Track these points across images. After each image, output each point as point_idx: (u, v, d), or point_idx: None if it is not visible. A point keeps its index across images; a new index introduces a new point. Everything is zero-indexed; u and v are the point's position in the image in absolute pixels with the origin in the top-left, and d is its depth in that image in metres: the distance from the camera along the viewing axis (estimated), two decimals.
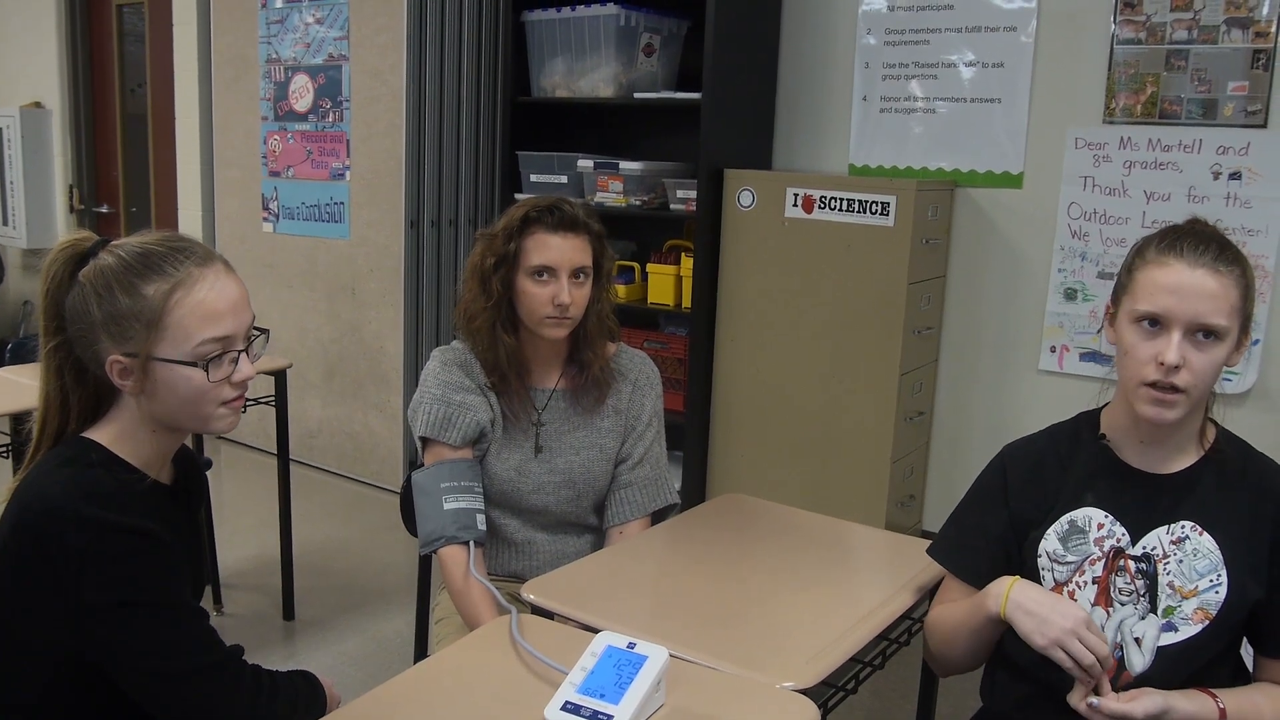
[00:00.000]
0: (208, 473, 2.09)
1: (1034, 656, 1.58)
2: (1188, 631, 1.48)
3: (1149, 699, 1.41)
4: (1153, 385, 1.42)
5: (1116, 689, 1.50)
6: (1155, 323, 1.43)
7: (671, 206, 3.64)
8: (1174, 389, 1.41)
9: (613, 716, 1.26)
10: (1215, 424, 1.56)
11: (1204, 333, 1.40)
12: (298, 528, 3.33)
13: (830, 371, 3.40)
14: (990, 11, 3.39)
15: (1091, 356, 3.32)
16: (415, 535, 2.00)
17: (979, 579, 1.62)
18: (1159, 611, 1.49)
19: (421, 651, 2.30)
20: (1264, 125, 3.01)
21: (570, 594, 1.66)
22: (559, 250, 1.92)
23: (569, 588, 1.69)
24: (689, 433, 3.64)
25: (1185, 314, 1.40)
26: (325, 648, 3.10)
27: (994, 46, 3.40)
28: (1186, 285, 1.40)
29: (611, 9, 3.57)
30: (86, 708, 1.33)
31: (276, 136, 4.66)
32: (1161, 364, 1.40)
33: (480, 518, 1.92)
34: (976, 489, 1.67)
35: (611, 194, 3.67)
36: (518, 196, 3.84)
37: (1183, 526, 1.50)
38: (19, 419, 2.40)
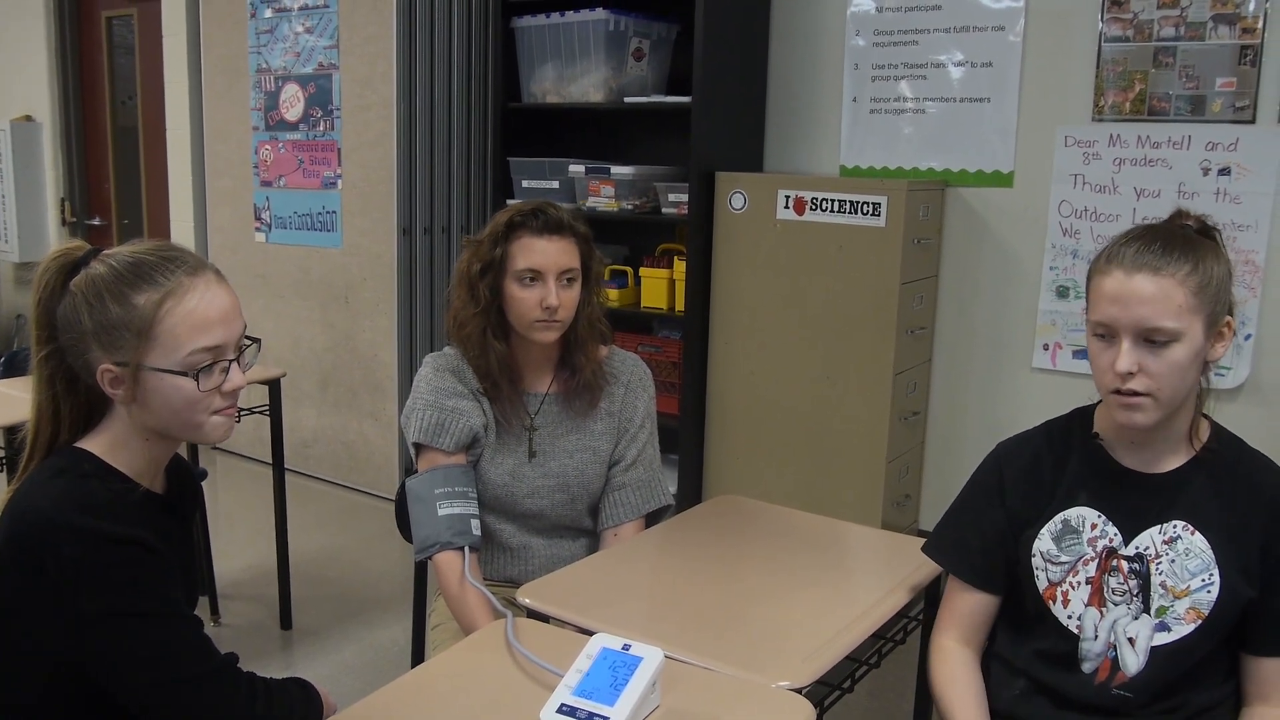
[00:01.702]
0: (203, 483, 2.09)
1: (1027, 654, 1.59)
2: (1180, 631, 1.48)
3: None
4: (1118, 392, 1.43)
5: (1111, 690, 1.51)
6: (1107, 332, 1.44)
7: (663, 210, 3.65)
8: (1136, 393, 1.42)
9: (608, 718, 1.26)
10: (1211, 421, 1.56)
11: (1154, 336, 1.40)
12: (294, 537, 3.33)
13: (824, 372, 3.41)
14: (978, 11, 3.40)
15: (1084, 354, 3.30)
16: (410, 542, 2.00)
17: (977, 577, 1.63)
18: (1152, 611, 1.49)
19: (418, 658, 2.29)
20: (1252, 121, 3.02)
21: (565, 597, 1.66)
22: (545, 253, 1.92)
23: (564, 591, 1.69)
24: (684, 435, 3.64)
25: (1128, 321, 1.40)
26: (323, 656, 3.09)
27: (982, 46, 3.41)
28: (1125, 292, 1.40)
29: (601, 14, 3.58)
30: (86, 709, 1.33)
31: (268, 146, 4.66)
32: (1117, 372, 1.41)
33: (475, 523, 1.92)
34: (972, 487, 1.67)
35: (603, 199, 3.67)
36: (509, 202, 3.84)
37: (1174, 526, 1.50)
38: (12, 431, 2.40)
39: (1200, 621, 1.47)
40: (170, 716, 1.30)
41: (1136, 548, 1.51)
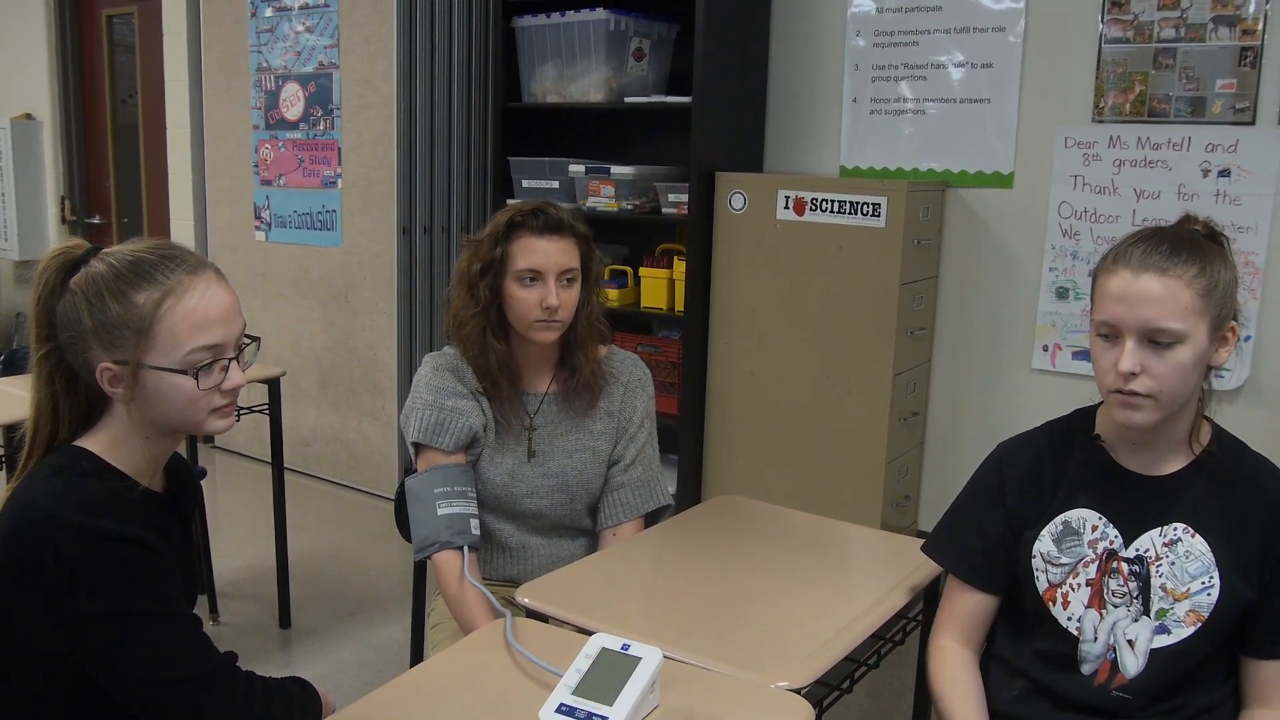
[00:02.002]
0: (202, 482, 2.09)
1: (1027, 654, 1.58)
2: (1180, 634, 1.48)
3: None
4: (1119, 391, 1.43)
5: (1110, 691, 1.51)
6: (1111, 332, 1.43)
7: (663, 210, 3.64)
8: (1137, 394, 1.42)
9: (607, 718, 1.26)
10: (1212, 423, 1.55)
11: (1159, 337, 1.40)
12: (293, 536, 3.33)
13: (824, 373, 3.40)
14: (978, 12, 3.40)
15: (1084, 355, 3.32)
16: (410, 541, 1.99)
17: (977, 577, 1.62)
18: (1152, 614, 1.49)
19: (417, 657, 2.30)
20: (1252, 122, 3.02)
21: (564, 597, 1.66)
22: (545, 253, 1.92)
23: (563, 591, 1.69)
24: (684, 435, 3.64)
25: (1133, 321, 1.40)
26: (322, 656, 3.09)
27: (983, 47, 3.41)
28: (1131, 292, 1.40)
29: (601, 14, 3.58)
30: (85, 708, 1.33)
31: (268, 145, 4.66)
32: (1120, 373, 1.41)
33: (474, 522, 1.92)
34: (973, 487, 1.67)
35: (603, 199, 3.67)
36: (509, 202, 3.84)
37: (1175, 529, 1.50)
38: (11, 429, 2.40)
39: (1200, 624, 1.47)
40: (169, 716, 1.30)
41: (1137, 550, 1.51)
